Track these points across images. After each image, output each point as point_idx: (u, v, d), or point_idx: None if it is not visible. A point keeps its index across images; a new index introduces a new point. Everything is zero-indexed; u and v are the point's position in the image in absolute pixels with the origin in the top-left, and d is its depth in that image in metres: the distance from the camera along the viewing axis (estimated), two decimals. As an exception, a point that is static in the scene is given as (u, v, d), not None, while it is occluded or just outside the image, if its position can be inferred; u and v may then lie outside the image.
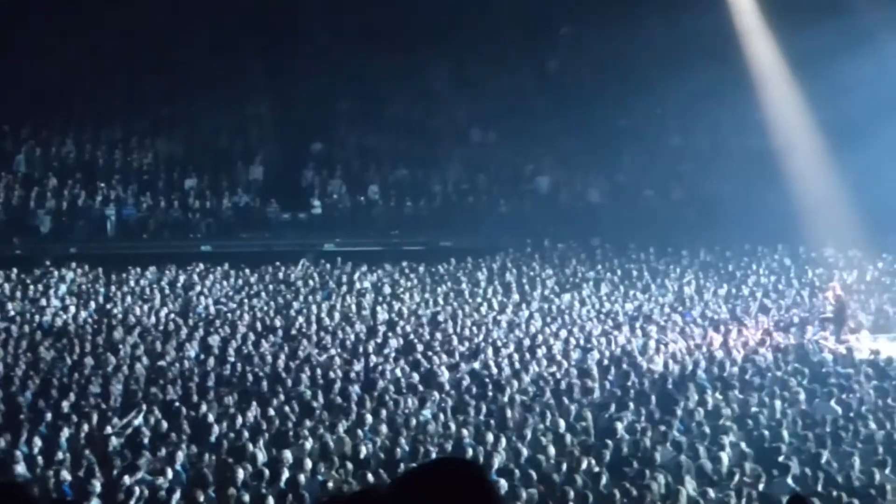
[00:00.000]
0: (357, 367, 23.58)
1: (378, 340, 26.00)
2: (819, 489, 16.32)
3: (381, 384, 22.19)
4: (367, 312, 29.42)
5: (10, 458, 17.51)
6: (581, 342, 26.10)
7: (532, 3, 42.09)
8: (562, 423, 19.55)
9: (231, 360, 24.22)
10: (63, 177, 38.79)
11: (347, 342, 26.01)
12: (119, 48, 40.98)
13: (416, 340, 26.15)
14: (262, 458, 17.77)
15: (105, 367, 23.19)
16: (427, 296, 31.61)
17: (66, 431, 19.12)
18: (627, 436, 19.00)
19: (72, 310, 28.98)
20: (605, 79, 42.08)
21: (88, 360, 23.75)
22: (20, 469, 17.10)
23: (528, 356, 24.56)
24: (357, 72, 40.56)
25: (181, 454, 17.82)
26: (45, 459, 17.85)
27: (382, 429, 19.37)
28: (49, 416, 19.94)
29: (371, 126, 42.46)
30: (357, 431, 19.04)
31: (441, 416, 20.18)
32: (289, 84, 41.00)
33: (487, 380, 22.58)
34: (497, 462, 17.33)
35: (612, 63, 42.31)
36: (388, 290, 32.16)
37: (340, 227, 38.57)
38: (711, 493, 16.03)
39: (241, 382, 22.69)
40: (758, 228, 35.87)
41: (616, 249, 37.10)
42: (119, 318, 28.16)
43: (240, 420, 19.75)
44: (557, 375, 23.00)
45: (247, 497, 15.97)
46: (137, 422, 19.59)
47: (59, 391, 21.61)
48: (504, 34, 41.93)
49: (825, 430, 19.21)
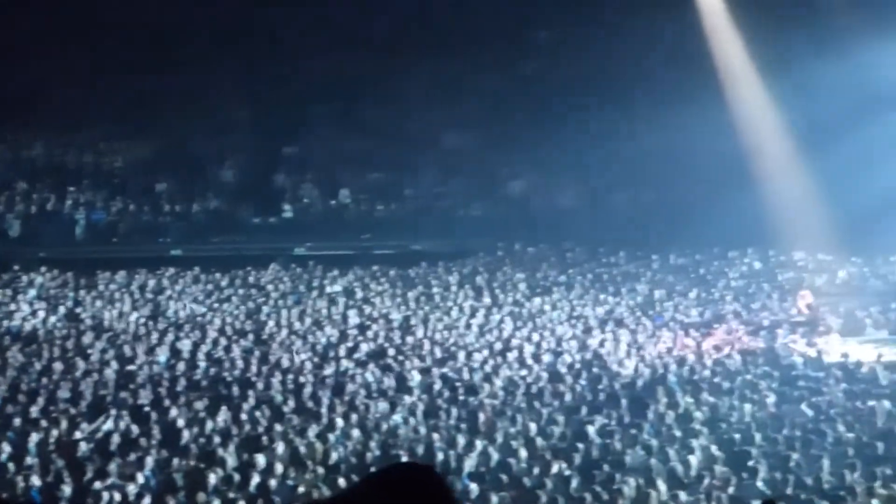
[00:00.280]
0: (328, 372, 23.52)
1: (349, 344, 25.95)
2: (789, 492, 16.38)
3: (352, 388, 22.15)
4: (339, 316, 29.37)
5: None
6: (552, 346, 26.12)
7: (507, 7, 42.08)
8: (533, 427, 19.56)
9: (201, 365, 24.12)
10: (32, 181, 38.56)
11: (318, 346, 25.95)
12: (89, 51, 40.77)
13: (388, 344, 26.12)
14: (233, 463, 17.70)
15: (74, 372, 23.06)
16: (398, 300, 31.56)
17: (36, 437, 19.01)
18: (598, 439, 19.02)
19: (41, 314, 28.80)
20: (579, 82, 42.11)
21: (58, 366, 23.60)
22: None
23: (500, 360, 24.55)
24: (329, 75, 40.49)
25: (151, 459, 17.74)
26: (15, 465, 17.74)
27: (353, 433, 19.33)
28: (18, 422, 19.82)
29: (342, 129, 42.37)
30: (328, 436, 19.00)
31: (412, 420, 20.15)
32: (260, 87, 40.89)
33: (458, 384, 22.57)
34: (468, 466, 17.32)
35: (586, 67, 42.35)
36: (360, 295, 32.10)
37: (312, 231, 38.44)
38: (682, 496, 16.06)
39: (212, 387, 22.60)
40: (728, 232, 35.92)
41: (587, 253, 37.14)
42: (89, 323, 28.02)
43: (210, 425, 19.68)
44: (528, 379, 23.02)
45: (217, 502, 15.92)
46: (107, 427, 19.50)
47: (28, 396, 21.48)
48: (479, 38, 41.94)
49: (795, 433, 19.29)
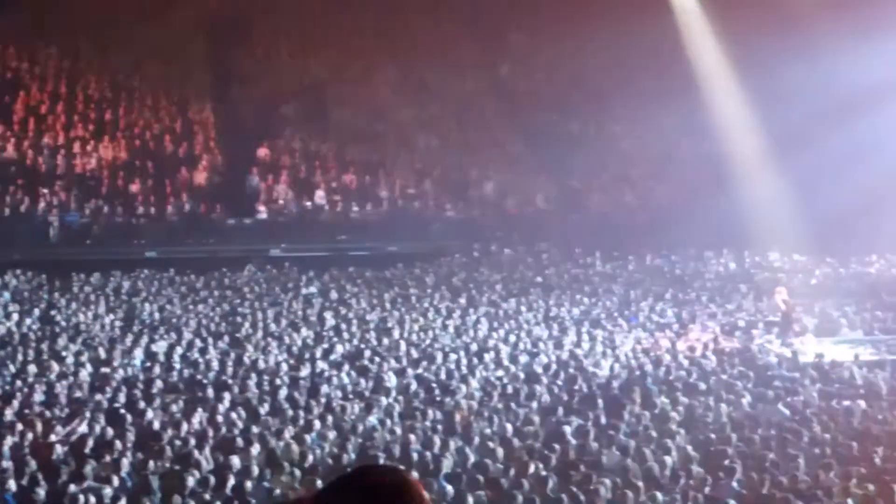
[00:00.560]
0: (304, 373, 23.46)
1: (325, 346, 25.91)
2: (765, 491, 16.41)
3: (328, 389, 22.10)
4: (314, 318, 29.32)
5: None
6: (528, 346, 26.14)
7: (482, 9, 42.12)
8: (509, 428, 19.55)
9: (177, 367, 24.03)
10: (5, 183, 38.32)
11: (294, 348, 25.90)
12: (61, 52, 40.66)
13: (364, 346, 26.10)
14: (209, 465, 17.62)
15: (49, 375, 22.93)
16: (374, 301, 31.52)
17: (10, 440, 18.89)
18: (574, 440, 19.02)
19: (15, 317, 28.65)
20: (554, 84, 42.20)
21: (32, 368, 23.47)
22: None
23: (476, 361, 24.56)
24: (303, 76, 40.44)
25: (127, 462, 17.65)
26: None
27: (330, 435, 19.28)
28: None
29: (317, 131, 42.34)
30: (304, 437, 18.94)
31: (388, 422, 20.12)
32: (234, 88, 40.81)
33: (435, 385, 22.56)
34: (445, 467, 17.29)
35: (561, 69, 42.43)
36: (335, 296, 32.05)
37: (286, 233, 38.37)
38: (659, 497, 16.05)
39: (188, 389, 22.52)
40: (704, 233, 36.04)
41: (563, 254, 37.19)
42: (63, 325, 27.87)
43: (186, 427, 19.60)
44: (505, 380, 23.02)
45: (193, 504, 15.86)
46: (82, 429, 19.39)
47: (2, 399, 21.36)
48: (454, 39, 41.97)
49: (771, 433, 19.33)
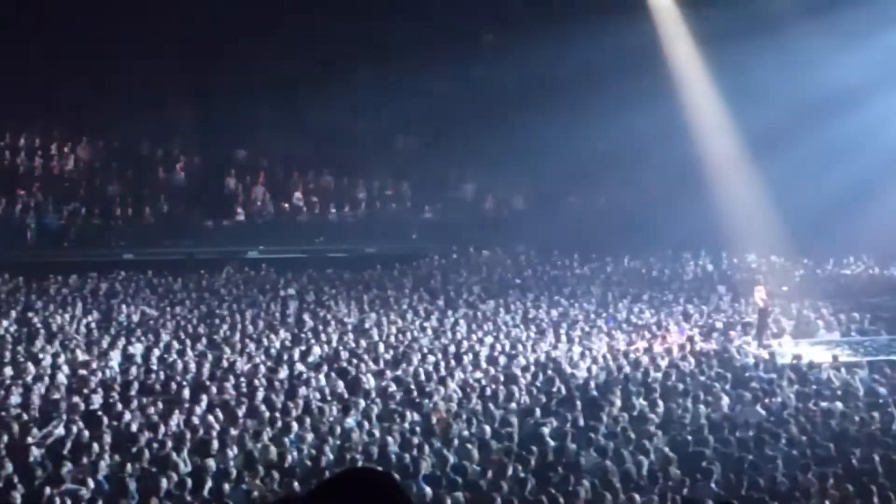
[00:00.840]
0: (282, 375, 23.41)
1: (303, 348, 25.86)
2: (743, 493, 16.44)
3: (306, 392, 22.05)
4: (292, 320, 29.27)
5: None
6: (506, 348, 26.15)
7: (457, 10, 42.07)
8: (487, 430, 19.55)
9: (154, 369, 23.95)
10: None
11: (272, 350, 25.84)
12: (38, 53, 40.42)
13: (342, 348, 26.06)
14: (186, 468, 17.56)
15: (26, 377, 22.82)
16: (352, 303, 31.49)
17: (-14, 443, 18.79)
18: (553, 441, 19.02)
19: (-9, 319, 28.53)
20: (530, 86, 42.18)
21: (8, 370, 23.36)
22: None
23: (454, 363, 24.56)
24: (279, 78, 40.36)
25: (104, 464, 17.57)
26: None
27: (308, 437, 19.23)
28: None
29: (294, 132, 42.27)
30: (282, 439, 18.89)
31: (366, 424, 20.09)
32: (211, 90, 40.71)
33: (413, 386, 22.54)
34: (423, 468, 17.27)
35: (537, 70, 42.41)
36: (313, 298, 32.01)
37: (264, 235, 38.35)
38: (637, 498, 16.07)
39: (165, 391, 22.44)
40: (681, 234, 36.15)
41: (541, 256, 37.25)
42: (40, 327, 27.75)
43: (163, 429, 19.53)
44: (483, 382, 23.03)
45: (170, 506, 15.80)
46: (59, 432, 19.31)
47: (-22, 402, 21.24)
48: (428, 40, 41.90)
49: (748, 435, 19.37)
